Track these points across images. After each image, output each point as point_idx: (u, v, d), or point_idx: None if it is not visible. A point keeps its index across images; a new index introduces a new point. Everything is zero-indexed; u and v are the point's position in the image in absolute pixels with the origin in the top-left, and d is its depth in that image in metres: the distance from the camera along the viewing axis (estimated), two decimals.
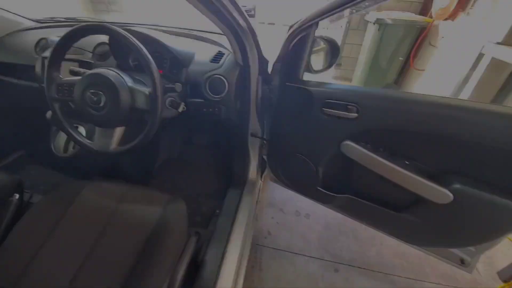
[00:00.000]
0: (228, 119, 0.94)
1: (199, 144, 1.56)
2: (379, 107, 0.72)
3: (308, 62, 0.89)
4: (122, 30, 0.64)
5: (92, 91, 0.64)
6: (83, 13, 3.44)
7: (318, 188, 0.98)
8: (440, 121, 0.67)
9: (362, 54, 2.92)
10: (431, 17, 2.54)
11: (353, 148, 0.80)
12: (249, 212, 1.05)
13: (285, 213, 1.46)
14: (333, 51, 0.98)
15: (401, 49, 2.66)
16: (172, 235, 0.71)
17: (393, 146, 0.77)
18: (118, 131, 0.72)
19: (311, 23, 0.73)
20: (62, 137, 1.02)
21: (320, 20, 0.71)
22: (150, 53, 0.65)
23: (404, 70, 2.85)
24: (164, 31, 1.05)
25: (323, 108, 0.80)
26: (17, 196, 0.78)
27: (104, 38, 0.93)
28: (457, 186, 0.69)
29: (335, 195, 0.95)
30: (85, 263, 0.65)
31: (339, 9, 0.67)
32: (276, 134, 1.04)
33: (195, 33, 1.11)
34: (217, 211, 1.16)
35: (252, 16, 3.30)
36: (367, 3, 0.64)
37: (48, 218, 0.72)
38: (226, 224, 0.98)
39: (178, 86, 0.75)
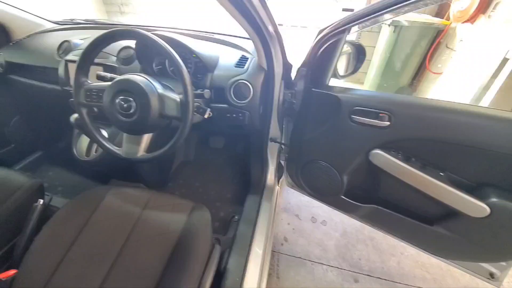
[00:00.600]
0: (251, 125, 0.92)
1: (215, 147, 1.54)
2: (413, 116, 0.70)
3: (335, 68, 0.86)
4: (154, 35, 0.62)
5: (122, 97, 0.63)
6: (96, 14, 3.47)
7: (342, 196, 0.95)
8: (478, 132, 0.64)
9: (375, 57, 2.87)
10: (448, 19, 2.48)
11: (383, 158, 0.77)
12: (268, 219, 1.03)
13: (301, 219, 1.43)
14: (359, 56, 0.96)
15: (417, 51, 2.61)
16: (198, 243, 0.70)
17: (426, 156, 0.74)
18: (146, 138, 0.70)
19: (344, 28, 0.70)
20: (84, 141, 1.01)
21: (355, 25, 0.69)
22: None
23: (419, 73, 2.79)
24: (184, 34, 1.04)
25: (352, 116, 0.78)
26: (41, 201, 0.78)
27: (128, 42, 0.92)
28: (494, 199, 0.66)
29: (361, 204, 0.92)
30: (112, 270, 0.64)
31: (376, 15, 0.64)
32: (297, 140, 1.02)
33: (215, 36, 1.09)
34: (236, 217, 1.14)
35: None
36: (406, 8, 0.61)
37: (73, 224, 0.71)
38: (246, 231, 0.96)
39: (207, 93, 0.74)
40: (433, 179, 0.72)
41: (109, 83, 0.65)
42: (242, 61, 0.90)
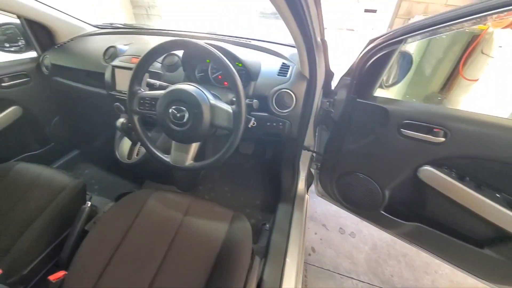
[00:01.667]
0: (289, 133, 0.90)
1: (244, 153, 1.54)
2: (473, 133, 0.65)
3: (382, 78, 0.83)
4: (209, 46, 0.63)
5: (175, 107, 0.63)
6: (125, 16, 3.58)
7: (382, 211, 0.92)
8: None
9: None
10: (484, 24, 2.35)
11: (435, 175, 0.73)
12: (300, 229, 1.01)
13: (329, 229, 1.40)
14: (406, 64, 0.92)
15: (449, 57, 2.49)
16: (241, 253, 0.70)
17: (482, 176, 0.70)
18: (194, 147, 0.71)
19: (401, 39, 0.68)
20: (126, 144, 1.04)
21: (412, 36, 0.66)
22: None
23: (450, 80, 2.66)
24: (224, 41, 1.04)
25: (401, 129, 0.75)
26: (89, 204, 0.80)
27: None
28: None
29: (402, 222, 0.88)
30: (158, 274, 0.65)
31: (437, 27, 0.61)
32: (334, 150, 0.99)
33: (252, 42, 1.08)
34: (267, 225, 1.13)
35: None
36: (470, 22, 0.58)
37: (118, 227, 0.73)
38: (280, 241, 0.94)
39: (256, 103, 0.73)
40: (489, 200, 0.68)
41: (162, 91, 0.66)
42: (284, 69, 0.88)
